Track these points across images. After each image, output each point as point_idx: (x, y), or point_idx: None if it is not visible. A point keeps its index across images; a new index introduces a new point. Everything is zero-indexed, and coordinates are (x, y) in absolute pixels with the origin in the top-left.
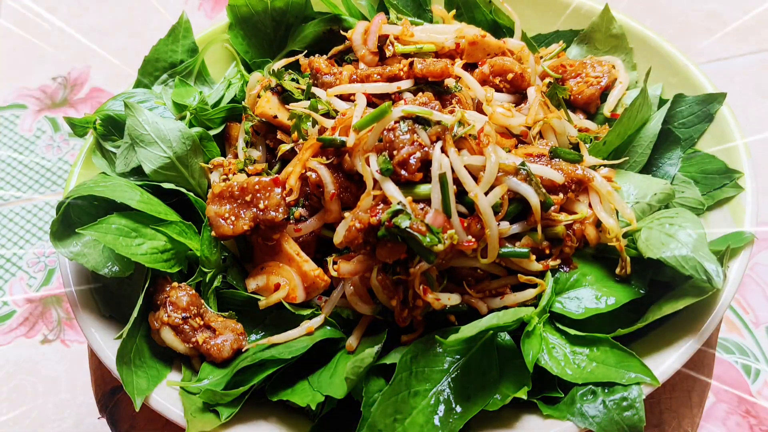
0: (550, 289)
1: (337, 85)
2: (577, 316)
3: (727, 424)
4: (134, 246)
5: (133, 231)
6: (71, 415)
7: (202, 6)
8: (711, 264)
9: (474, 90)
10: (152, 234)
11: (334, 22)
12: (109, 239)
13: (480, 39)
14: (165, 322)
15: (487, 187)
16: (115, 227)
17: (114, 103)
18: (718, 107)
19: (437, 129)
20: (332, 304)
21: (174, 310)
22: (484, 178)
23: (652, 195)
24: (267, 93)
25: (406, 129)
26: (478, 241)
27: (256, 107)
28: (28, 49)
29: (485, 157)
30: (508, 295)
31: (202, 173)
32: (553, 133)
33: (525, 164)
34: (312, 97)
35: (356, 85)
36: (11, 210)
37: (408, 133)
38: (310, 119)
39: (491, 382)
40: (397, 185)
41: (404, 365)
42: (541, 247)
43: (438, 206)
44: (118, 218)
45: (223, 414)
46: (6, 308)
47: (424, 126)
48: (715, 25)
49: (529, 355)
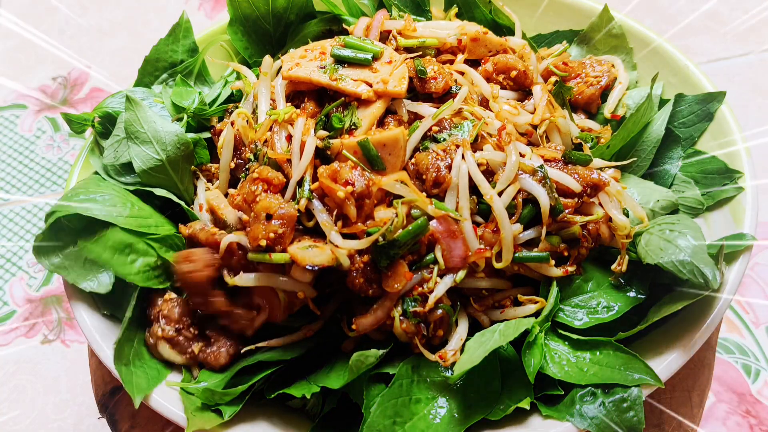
0: (554, 299)
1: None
2: (579, 327)
3: (727, 424)
4: (128, 264)
5: (127, 247)
6: (71, 415)
7: (202, 6)
8: (708, 267)
9: (480, 86)
10: (145, 249)
11: (334, 22)
12: (107, 257)
13: (482, 36)
14: (160, 337)
15: (506, 184)
16: (111, 243)
17: (113, 100)
18: (717, 106)
19: (457, 140)
20: (332, 310)
21: (167, 323)
22: (504, 174)
23: (654, 201)
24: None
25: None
26: (491, 248)
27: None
28: (28, 49)
29: (506, 154)
30: (509, 308)
31: (190, 179)
32: (558, 133)
33: (543, 166)
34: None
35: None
36: (11, 210)
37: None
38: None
39: (493, 392)
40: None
41: (405, 372)
42: (558, 250)
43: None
44: (115, 232)
45: (226, 413)
46: (6, 308)
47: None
48: (715, 25)
49: (530, 366)
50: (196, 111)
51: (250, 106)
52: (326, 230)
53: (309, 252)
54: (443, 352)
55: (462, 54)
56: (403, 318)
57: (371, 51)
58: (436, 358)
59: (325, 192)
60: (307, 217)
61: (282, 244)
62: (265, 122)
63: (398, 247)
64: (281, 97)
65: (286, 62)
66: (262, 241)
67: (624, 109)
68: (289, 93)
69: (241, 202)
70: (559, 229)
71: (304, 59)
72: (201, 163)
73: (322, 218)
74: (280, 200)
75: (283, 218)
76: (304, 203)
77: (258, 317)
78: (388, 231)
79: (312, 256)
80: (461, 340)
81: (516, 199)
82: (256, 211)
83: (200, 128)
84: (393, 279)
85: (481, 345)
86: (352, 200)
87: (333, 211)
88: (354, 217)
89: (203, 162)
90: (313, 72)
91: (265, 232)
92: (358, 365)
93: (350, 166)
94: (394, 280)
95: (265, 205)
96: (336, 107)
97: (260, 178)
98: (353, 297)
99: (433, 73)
